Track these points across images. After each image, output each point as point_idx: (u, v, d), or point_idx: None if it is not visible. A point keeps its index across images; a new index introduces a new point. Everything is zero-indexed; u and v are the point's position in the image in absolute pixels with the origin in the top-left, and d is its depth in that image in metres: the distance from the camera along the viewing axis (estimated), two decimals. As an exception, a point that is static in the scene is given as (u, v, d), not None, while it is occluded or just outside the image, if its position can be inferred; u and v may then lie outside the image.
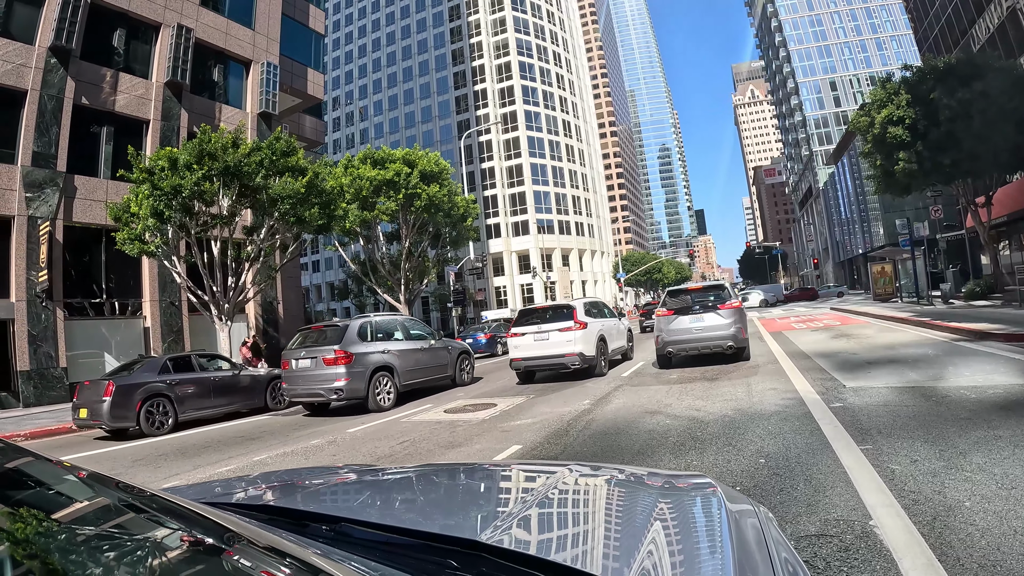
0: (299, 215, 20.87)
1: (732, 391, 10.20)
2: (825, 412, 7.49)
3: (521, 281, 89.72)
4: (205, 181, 19.29)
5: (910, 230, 29.18)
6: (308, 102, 38.65)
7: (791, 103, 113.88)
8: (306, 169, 21.21)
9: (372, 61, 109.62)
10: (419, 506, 2.00)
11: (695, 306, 15.33)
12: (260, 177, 20.18)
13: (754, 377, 11.64)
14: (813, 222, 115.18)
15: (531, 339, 16.04)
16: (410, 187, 30.26)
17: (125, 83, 27.07)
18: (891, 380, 9.48)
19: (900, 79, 28.36)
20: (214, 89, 31.32)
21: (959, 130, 25.05)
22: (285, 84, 34.82)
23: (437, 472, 2.67)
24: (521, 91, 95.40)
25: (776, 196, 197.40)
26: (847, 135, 78.46)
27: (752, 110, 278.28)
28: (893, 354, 12.78)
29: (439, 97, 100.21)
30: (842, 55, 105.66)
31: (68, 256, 24.70)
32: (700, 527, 1.60)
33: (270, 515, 1.60)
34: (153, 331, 26.93)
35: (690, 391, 10.82)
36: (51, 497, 1.15)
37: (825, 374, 10.90)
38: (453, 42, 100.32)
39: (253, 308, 30.62)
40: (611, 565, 1.30)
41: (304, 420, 13.65)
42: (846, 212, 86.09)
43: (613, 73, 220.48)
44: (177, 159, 19.67)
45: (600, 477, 2.21)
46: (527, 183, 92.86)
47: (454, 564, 1.20)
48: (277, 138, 21.13)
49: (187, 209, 19.79)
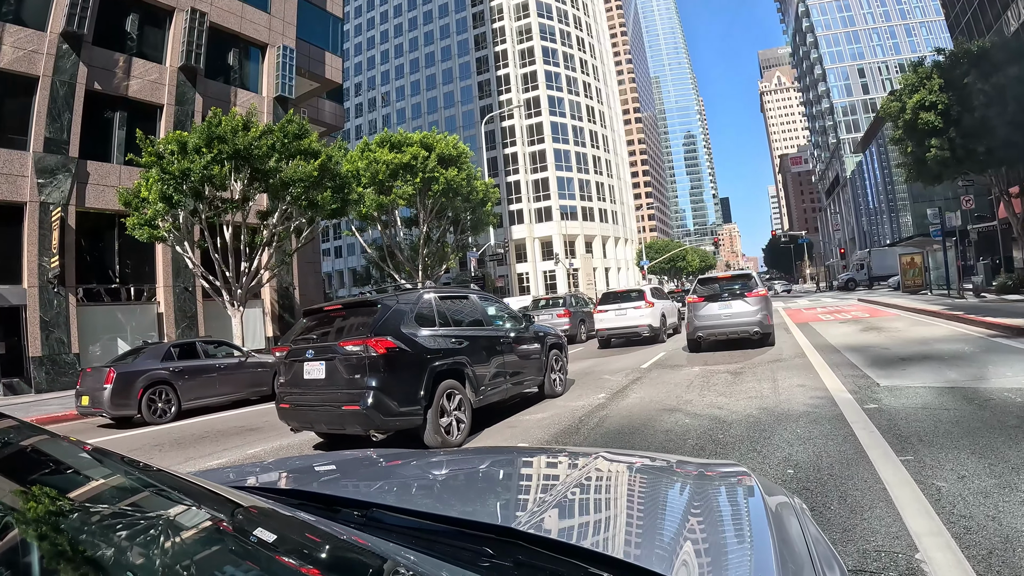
0: (311, 199, 20.47)
1: (757, 387, 9.62)
2: (859, 414, 6.87)
3: (544, 268, 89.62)
4: (215, 165, 18.94)
5: (942, 219, 28.19)
6: (326, 86, 38.25)
7: (818, 90, 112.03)
8: (319, 152, 20.78)
9: (394, 47, 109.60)
10: (451, 492, 2.00)
11: (724, 294, 16.10)
12: (272, 161, 19.81)
13: (781, 372, 11.02)
14: (840, 211, 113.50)
15: (612, 314, 20.91)
16: (427, 171, 29.85)
17: (138, 68, 26.87)
18: (928, 379, 8.82)
19: (932, 63, 27.43)
20: (229, 73, 31.02)
21: (994, 117, 24.11)
22: (302, 68, 34.45)
23: (469, 457, 2.67)
24: (544, 76, 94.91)
25: (802, 184, 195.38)
26: (875, 122, 77.13)
27: (778, 97, 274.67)
28: (927, 350, 12.07)
29: (461, 83, 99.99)
30: (871, 41, 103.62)
31: (81, 242, 24.62)
32: (739, 517, 1.57)
33: (301, 500, 1.57)
34: (167, 317, 26.75)
35: (713, 384, 10.26)
36: (75, 478, 1.19)
37: (856, 370, 10.24)
38: (475, 27, 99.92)
39: (269, 294, 30.33)
40: (650, 553, 1.29)
41: None
42: (874, 201, 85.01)
43: (637, 59, 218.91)
44: (187, 143, 19.38)
45: (633, 464, 2.19)
46: (550, 169, 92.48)
47: (489, 552, 1.17)
48: (289, 120, 20.77)
49: (197, 193, 19.46)
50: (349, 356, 7.68)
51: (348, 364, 7.68)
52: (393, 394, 7.55)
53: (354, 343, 7.68)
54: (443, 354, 8.33)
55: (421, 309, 8.56)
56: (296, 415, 8.28)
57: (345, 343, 7.80)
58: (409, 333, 8.01)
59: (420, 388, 7.77)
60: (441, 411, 8.00)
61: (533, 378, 10.64)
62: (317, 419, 8.11)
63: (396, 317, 8.03)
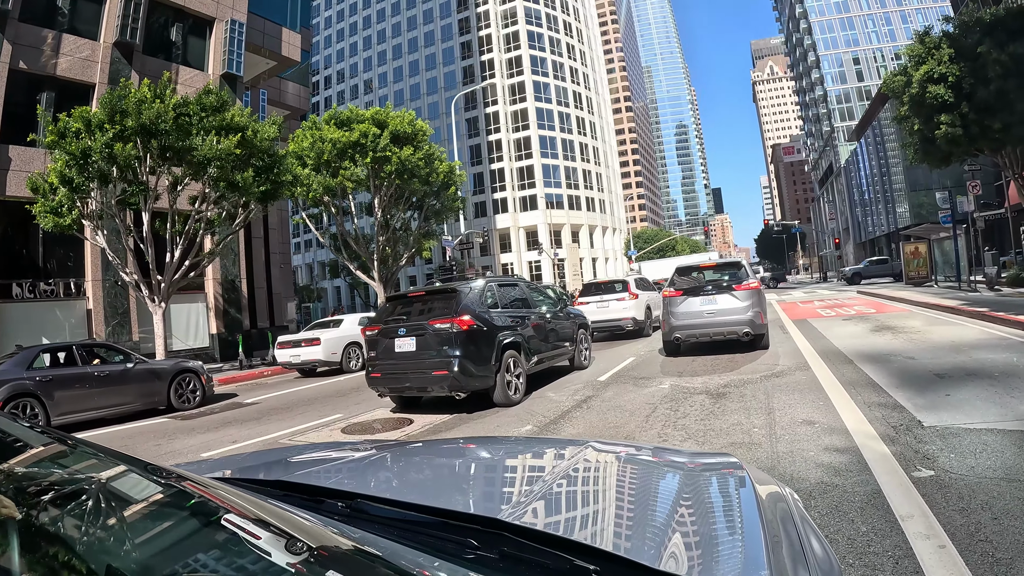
0: (230, 179, 17.76)
1: (744, 422, 6.95)
2: (910, 497, 4.20)
3: (529, 258, 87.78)
4: (117, 142, 16.27)
5: (952, 204, 25.57)
6: (284, 64, 35.39)
7: (812, 77, 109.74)
8: (244, 127, 18.08)
9: (377, 33, 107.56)
10: (437, 482, 1.96)
11: (707, 286, 13.67)
12: (195, 138, 17.20)
13: (778, 394, 8.33)
14: (833, 201, 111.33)
15: (594, 307, 19.52)
16: (379, 150, 26.77)
17: (69, 45, 24.34)
18: (990, 414, 6.21)
19: (941, 33, 24.90)
20: (171, 50, 28.27)
21: (1013, 89, 21.61)
22: (256, 44, 31.79)
23: (455, 447, 2.61)
24: (529, 61, 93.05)
25: (795, 175, 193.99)
26: (871, 108, 75.32)
27: (771, 87, 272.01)
28: (967, 361, 9.38)
29: (445, 68, 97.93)
30: (865, 28, 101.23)
31: (9, 231, 22.53)
32: (730, 507, 1.56)
33: (285, 491, 1.54)
34: (96, 314, 24.21)
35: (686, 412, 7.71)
36: (60, 472, 1.18)
37: (882, 394, 7.62)
38: (459, 12, 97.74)
39: (212, 287, 27.68)
40: (638, 545, 1.30)
41: (201, 423, 11.14)
42: (868, 191, 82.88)
43: (629, 48, 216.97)
44: (91, 119, 16.77)
45: (622, 455, 2.17)
46: (535, 156, 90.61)
47: (474, 543, 1.15)
48: (208, 91, 18.09)
49: (103, 175, 16.85)
50: (438, 331, 9.48)
51: (437, 338, 9.48)
52: (473, 361, 9.40)
53: (442, 321, 9.50)
54: (506, 330, 10.18)
55: (488, 294, 10.47)
56: (387, 381, 10.02)
57: (434, 321, 9.61)
58: (482, 313, 9.91)
59: (492, 356, 9.64)
60: (506, 375, 9.79)
61: (568, 351, 12.81)
62: (407, 383, 9.81)
63: (473, 299, 9.96)
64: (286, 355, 18.62)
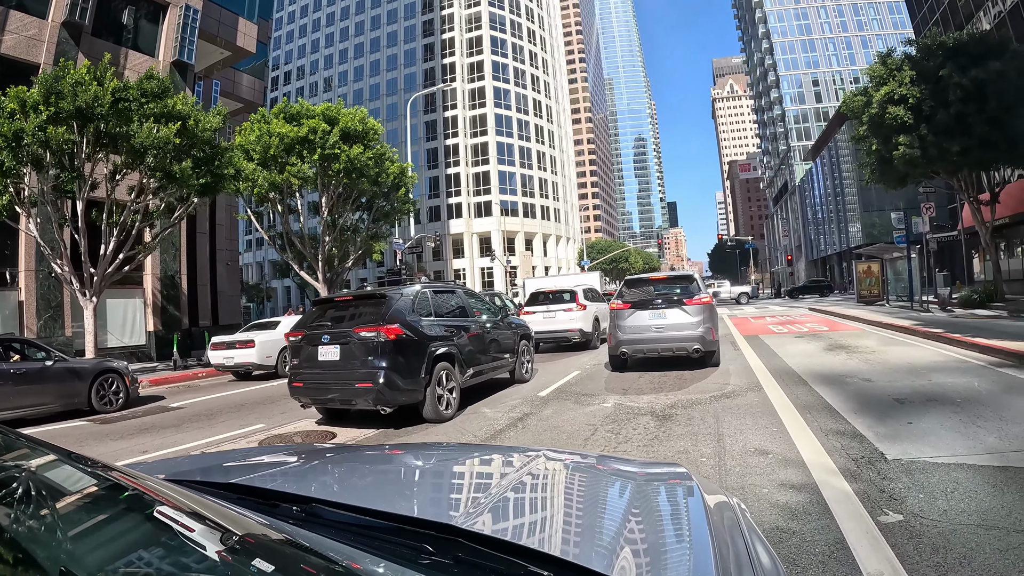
0: (168, 170, 16.91)
1: (692, 450, 6.40)
2: (878, 548, 3.67)
3: (481, 264, 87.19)
4: (51, 124, 15.40)
5: (908, 225, 25.69)
6: (239, 55, 34.45)
7: (771, 96, 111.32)
8: (186, 116, 17.24)
9: (340, 30, 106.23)
10: (393, 488, 1.95)
11: (657, 299, 13.05)
12: (130, 121, 16.35)
13: (728, 418, 7.79)
14: (787, 218, 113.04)
15: (540, 316, 19.14)
16: (328, 147, 25.74)
17: (15, 21, 23.32)
18: (958, 445, 5.83)
19: (903, 55, 25.02)
20: (122, 33, 27.32)
21: (972, 113, 21.75)
22: (211, 33, 30.95)
23: (412, 453, 2.60)
24: (491, 66, 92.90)
25: (750, 191, 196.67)
26: (828, 129, 76.65)
27: (730, 104, 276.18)
28: (926, 386, 9.06)
29: (406, 70, 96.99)
30: (826, 50, 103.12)
31: None
32: (680, 516, 1.57)
33: (239, 494, 1.51)
34: (28, 306, 23.12)
35: (628, 436, 7.23)
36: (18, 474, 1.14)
37: (840, 420, 7.18)
38: (424, 13, 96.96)
39: (151, 283, 26.61)
40: (589, 552, 1.29)
41: (117, 428, 10.38)
42: (822, 210, 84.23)
43: (592, 59, 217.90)
44: (27, 100, 15.90)
45: (574, 463, 2.18)
46: (492, 162, 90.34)
47: (429, 549, 1.15)
48: (149, 76, 17.23)
49: (36, 160, 15.96)
50: (363, 340, 8.74)
51: (362, 347, 8.75)
52: (400, 373, 8.64)
53: (368, 329, 8.72)
54: (438, 340, 9.47)
55: (420, 300, 9.74)
56: (310, 392, 9.20)
57: (359, 329, 8.84)
58: (412, 321, 9.15)
59: (421, 369, 8.89)
60: (437, 389, 9.09)
61: (508, 363, 12.09)
62: (330, 395, 9.06)
63: (403, 306, 9.19)
64: (219, 357, 17.58)
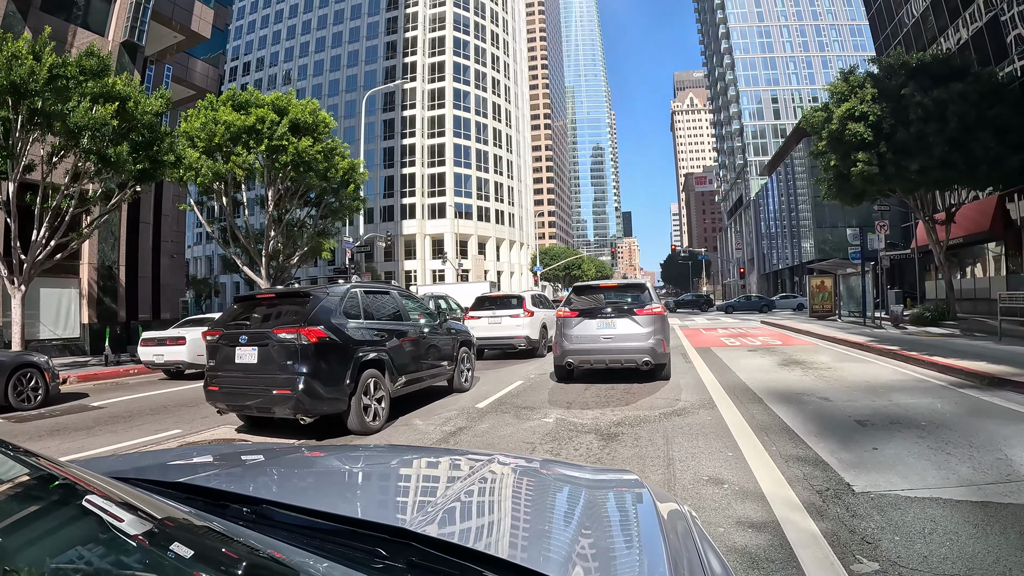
0: (103, 153, 15.96)
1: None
2: None
3: (433, 266, 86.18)
4: (-21, 102, 14.46)
5: (863, 241, 25.79)
6: (193, 40, 33.18)
7: (730, 111, 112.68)
8: (126, 97, 16.30)
9: (303, 23, 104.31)
10: (346, 490, 1.92)
11: (607, 308, 12.47)
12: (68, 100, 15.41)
13: (680, 439, 7.22)
14: (741, 232, 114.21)
15: (486, 322, 18.55)
16: (276, 138, 24.58)
17: (-44, -8, 21.85)
18: (929, 476, 5.38)
19: (865, 73, 25.09)
20: (72, 9, 25.93)
21: (932, 133, 21.80)
22: (165, 16, 29.82)
23: (365, 455, 2.54)
24: (452, 67, 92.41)
25: (705, 204, 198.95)
26: (785, 146, 77.51)
27: (689, 118, 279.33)
28: (887, 405, 8.71)
29: (367, 67, 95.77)
30: (787, 69, 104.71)
31: None
32: (630, 523, 1.57)
33: (187, 494, 1.49)
34: (-44, 294, 21.72)
35: (569, 456, 6.71)
36: None
37: (800, 445, 6.69)
38: (389, 11, 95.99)
39: (87, 272, 25.35)
40: (541, 556, 1.28)
41: (28, 429, 9.50)
42: (776, 224, 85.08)
43: (554, 66, 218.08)
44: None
45: (528, 468, 2.19)
46: (448, 164, 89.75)
47: (382, 552, 1.14)
48: (89, 53, 16.27)
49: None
50: (282, 342, 8.01)
51: (281, 350, 8.01)
52: (322, 380, 7.93)
53: (287, 331, 8.03)
54: (367, 345, 8.76)
55: (348, 302, 8.96)
56: (226, 397, 8.44)
57: (279, 330, 8.14)
58: (338, 324, 8.42)
59: (346, 376, 8.20)
60: (364, 398, 8.40)
61: (446, 371, 11.36)
62: (247, 401, 8.33)
63: (329, 307, 8.48)
64: (149, 353, 16.48)
